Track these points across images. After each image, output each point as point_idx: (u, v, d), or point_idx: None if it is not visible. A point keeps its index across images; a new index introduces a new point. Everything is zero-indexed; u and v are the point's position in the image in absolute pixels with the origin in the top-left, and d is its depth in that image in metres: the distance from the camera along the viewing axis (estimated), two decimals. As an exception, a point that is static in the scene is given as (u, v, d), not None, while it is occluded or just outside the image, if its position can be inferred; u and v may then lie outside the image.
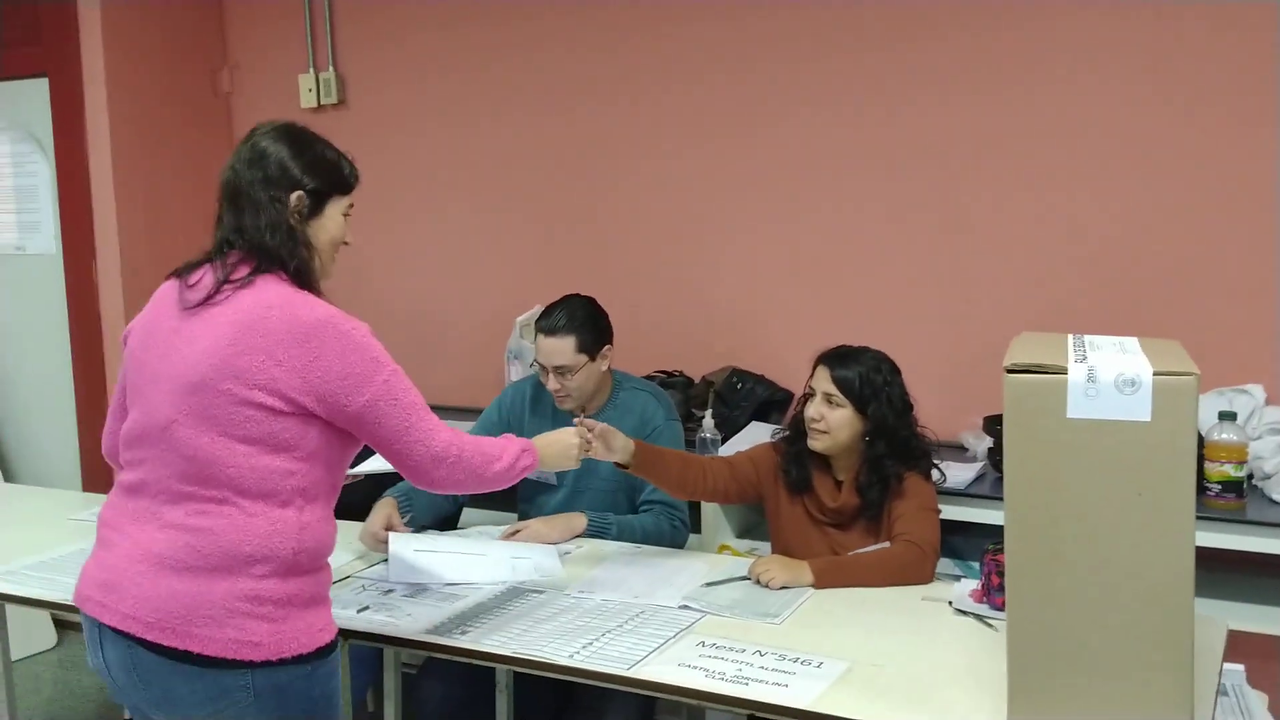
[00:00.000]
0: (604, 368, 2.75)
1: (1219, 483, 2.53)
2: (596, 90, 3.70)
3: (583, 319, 2.71)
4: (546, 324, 2.71)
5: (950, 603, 2.15)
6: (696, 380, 3.48)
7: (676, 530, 2.71)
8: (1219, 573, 2.63)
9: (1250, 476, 2.65)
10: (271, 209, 1.80)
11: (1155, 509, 1.56)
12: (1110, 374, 1.57)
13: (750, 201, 3.51)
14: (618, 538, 2.65)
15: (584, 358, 2.68)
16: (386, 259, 3.99)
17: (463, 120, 3.93)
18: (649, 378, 3.31)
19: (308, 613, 1.76)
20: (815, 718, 1.71)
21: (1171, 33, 2.94)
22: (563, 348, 2.66)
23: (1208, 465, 2.54)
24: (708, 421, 3.18)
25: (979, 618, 2.08)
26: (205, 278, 1.80)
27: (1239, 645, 2.17)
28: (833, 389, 2.42)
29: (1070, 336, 1.76)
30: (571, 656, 1.92)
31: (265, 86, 4.25)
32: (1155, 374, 1.55)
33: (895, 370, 2.49)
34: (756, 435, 3.16)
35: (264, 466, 1.71)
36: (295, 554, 1.73)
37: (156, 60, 4.06)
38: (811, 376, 2.49)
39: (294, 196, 1.82)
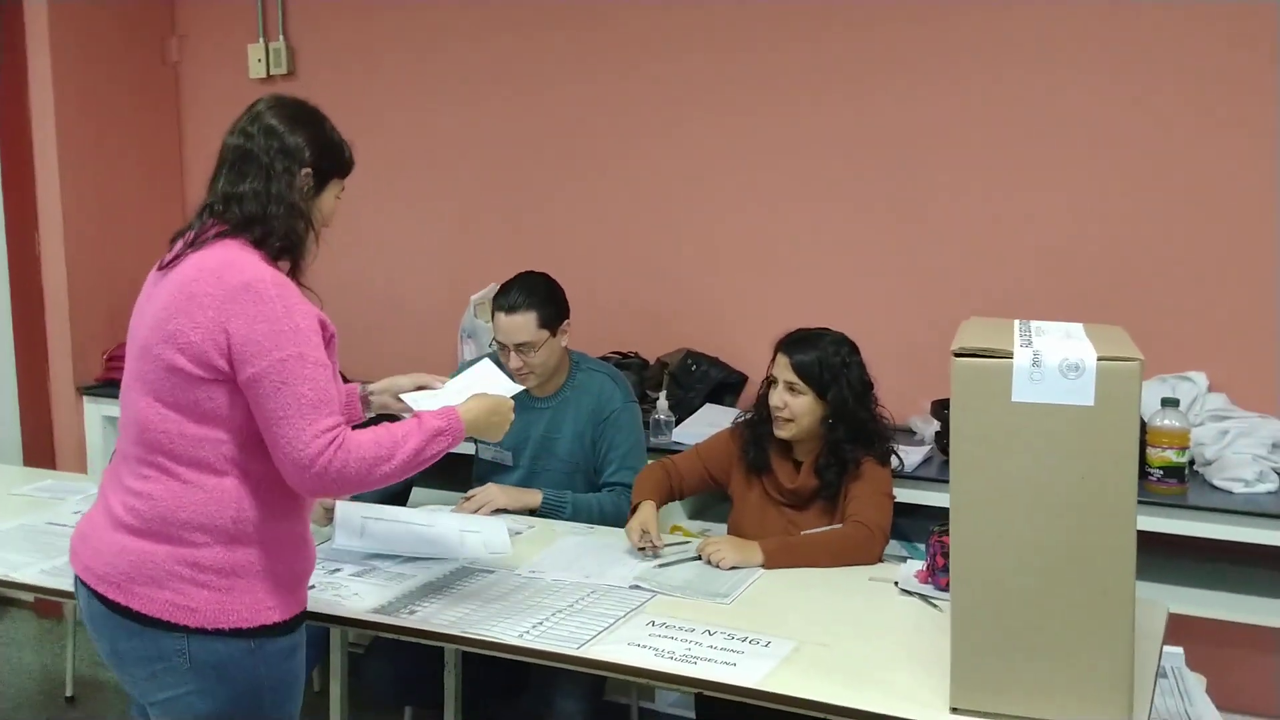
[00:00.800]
0: (564, 343, 2.75)
1: (1161, 468, 2.58)
2: (557, 71, 3.67)
3: (543, 294, 2.70)
4: (506, 302, 2.68)
5: (896, 583, 2.17)
6: (652, 361, 3.48)
7: (634, 510, 2.70)
8: (1160, 557, 2.68)
9: (1192, 462, 2.70)
10: (282, 181, 1.78)
11: (1098, 492, 1.59)
12: (1055, 358, 1.59)
13: (708, 185, 3.51)
14: (572, 517, 2.65)
15: (545, 333, 2.67)
16: (337, 235, 3.92)
17: (417, 95, 3.89)
18: (604, 358, 3.31)
19: (257, 586, 1.73)
20: (762, 696, 1.73)
21: (1125, 25, 2.97)
22: (524, 324, 2.65)
23: (1150, 451, 2.58)
24: (662, 403, 3.18)
25: (924, 598, 2.11)
26: (180, 242, 1.80)
27: (1179, 628, 2.21)
28: (793, 377, 2.42)
29: (1017, 322, 1.78)
30: (521, 636, 1.92)
31: (213, 56, 4.17)
32: (1099, 359, 1.57)
33: (854, 350, 2.50)
34: (710, 417, 3.18)
35: (192, 434, 1.70)
36: (235, 523, 1.71)
37: (103, 28, 3.97)
38: (772, 363, 2.49)
39: (303, 173, 1.81)
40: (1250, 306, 2.91)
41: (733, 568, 2.26)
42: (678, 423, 3.18)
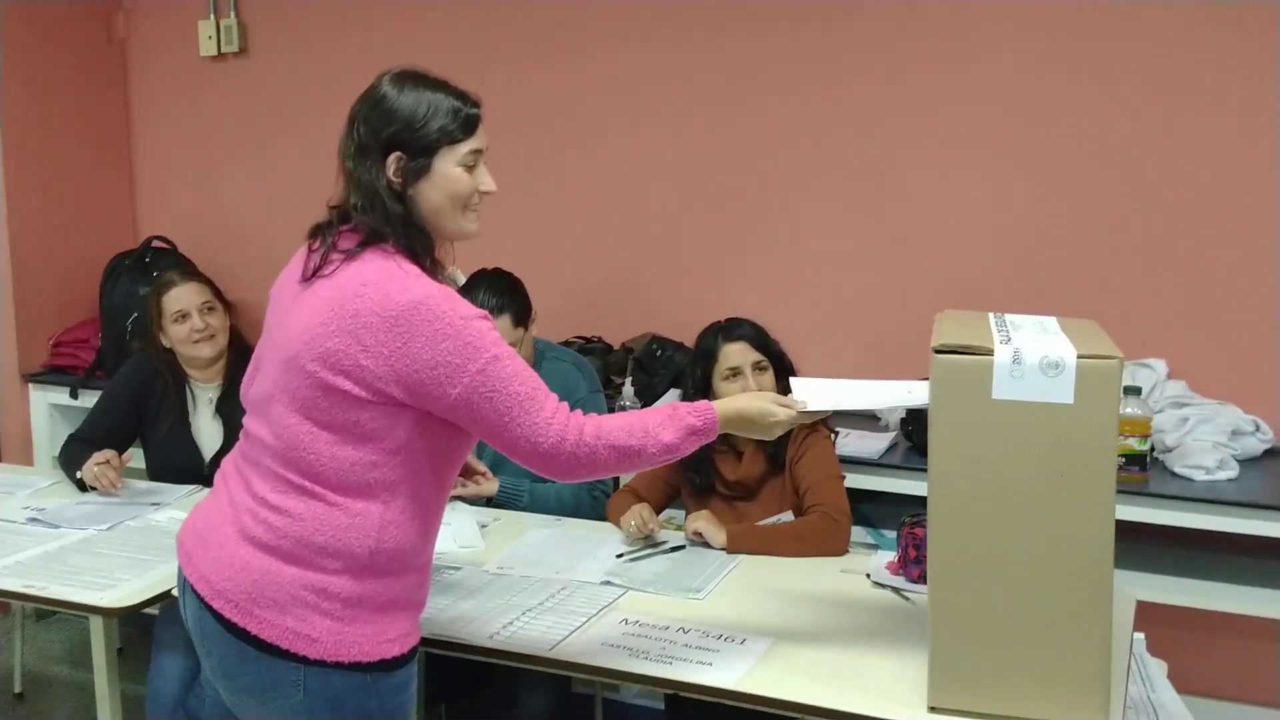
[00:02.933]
0: (533, 333, 2.72)
1: (1123, 456, 2.59)
2: (514, 49, 3.60)
3: (510, 292, 2.68)
4: (485, 294, 2.64)
5: (868, 575, 2.17)
6: (616, 347, 3.45)
7: (597, 500, 2.69)
8: (1122, 543, 2.70)
9: (1152, 449, 2.72)
10: (364, 179, 1.65)
11: (1077, 489, 1.59)
12: (1035, 356, 1.58)
13: (673, 168, 3.47)
14: (528, 506, 2.62)
15: (520, 331, 2.64)
16: (289, 219, 3.83)
17: (372, 74, 3.78)
18: (567, 343, 3.28)
19: (379, 618, 1.63)
20: (741, 697, 1.71)
21: (1085, 15, 2.97)
22: (503, 329, 2.60)
23: (1114, 438, 2.60)
24: (627, 389, 3.15)
25: (896, 590, 2.11)
26: (319, 248, 1.67)
27: (1140, 614, 2.22)
28: (758, 355, 2.44)
29: (992, 315, 1.77)
30: (491, 637, 1.89)
31: (162, 32, 4.05)
32: (1079, 357, 1.56)
33: None
34: (675, 401, 3.16)
35: (345, 457, 1.60)
36: (372, 553, 1.61)
37: (47, 1, 3.83)
38: (717, 358, 2.47)
39: (391, 161, 1.65)
40: (1209, 293, 2.94)
41: (697, 533, 2.30)
42: (643, 408, 3.15)
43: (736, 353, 2.46)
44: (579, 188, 3.59)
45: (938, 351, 1.61)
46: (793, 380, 1.90)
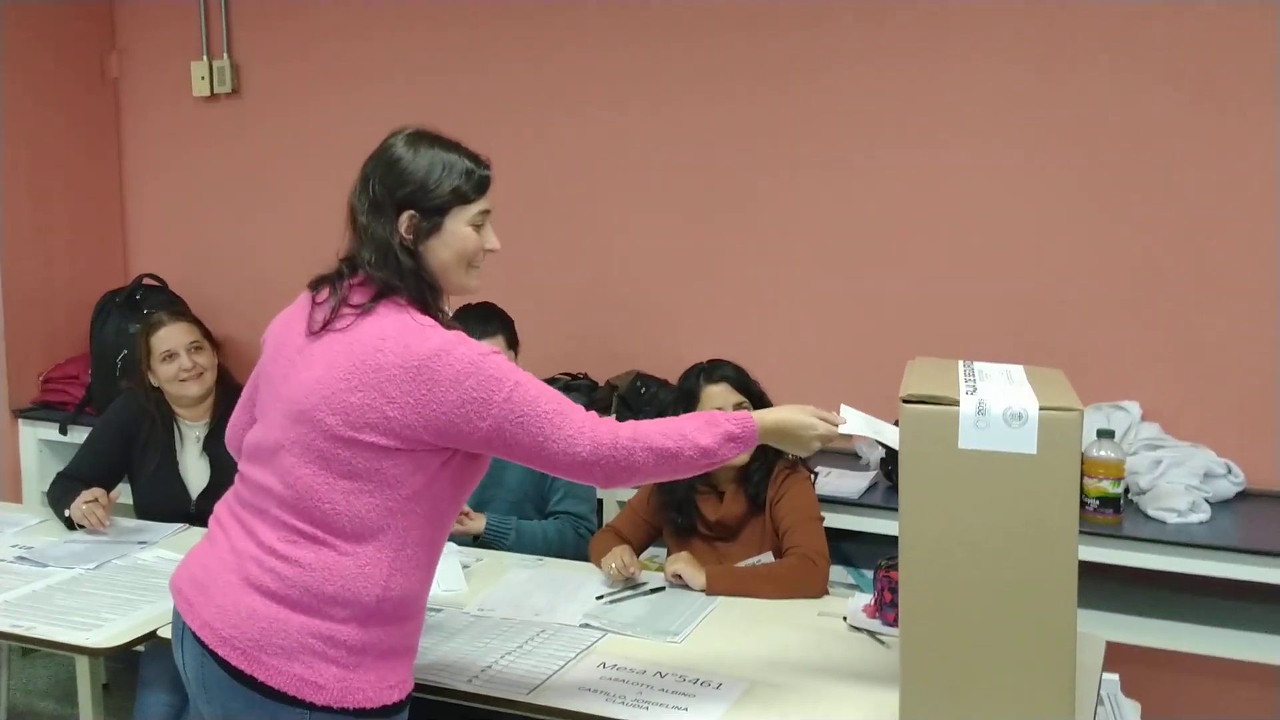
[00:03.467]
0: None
1: (1097, 498, 2.64)
2: (503, 95, 3.66)
3: (496, 320, 2.74)
4: (475, 333, 2.68)
5: (845, 618, 2.20)
6: (601, 383, 3.49)
7: (582, 539, 2.71)
8: (1096, 585, 2.75)
9: (1127, 491, 2.77)
10: (377, 235, 1.69)
11: (1040, 538, 1.63)
12: (999, 407, 1.62)
13: (659, 206, 3.53)
14: (514, 546, 2.65)
15: (512, 354, 2.72)
16: (278, 255, 3.90)
17: (363, 114, 3.85)
18: (553, 380, 3.31)
19: (381, 665, 1.66)
20: (714, 741, 1.73)
21: (1059, 60, 3.04)
22: (506, 344, 2.71)
23: (1086, 481, 2.64)
24: (610, 428, 3.19)
25: (872, 634, 2.14)
26: (329, 300, 1.70)
27: (1114, 655, 2.26)
28: (739, 396, 2.47)
29: (961, 364, 1.82)
30: (470, 681, 1.91)
31: (156, 72, 4.11)
32: (1041, 408, 1.61)
33: None
34: (658, 442, 3.19)
35: (362, 505, 1.63)
36: (379, 601, 1.64)
37: (42, 41, 3.89)
38: (699, 398, 2.51)
39: (404, 218, 1.69)
40: (1183, 336, 2.99)
41: (676, 576, 2.32)
42: (626, 448, 3.19)
43: (718, 394, 2.50)
44: (566, 229, 3.64)
45: (905, 401, 1.65)
46: (843, 406, 1.92)
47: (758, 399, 2.53)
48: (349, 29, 3.83)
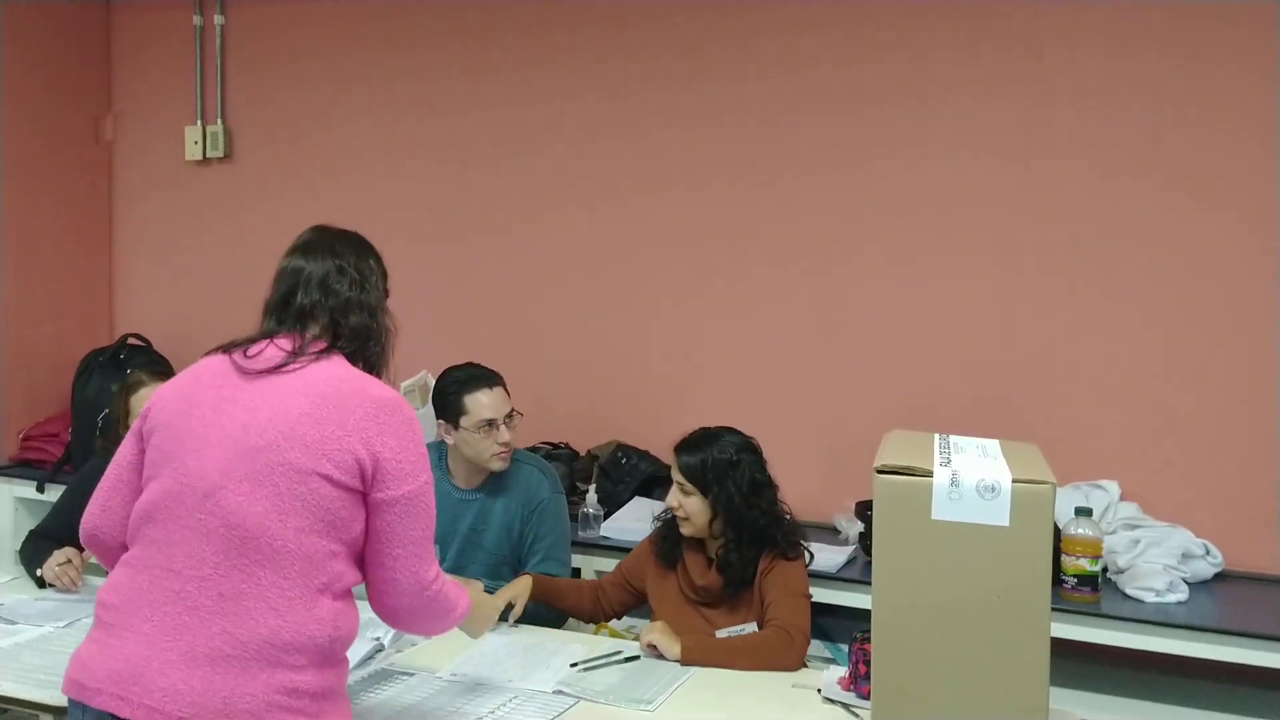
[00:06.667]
0: None
1: (1075, 576, 2.64)
2: (486, 155, 3.73)
3: (496, 377, 2.77)
4: (484, 381, 2.73)
5: (819, 690, 2.18)
6: (581, 453, 3.49)
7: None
8: (1074, 664, 2.74)
9: (1105, 570, 2.77)
10: (375, 294, 1.86)
11: (1013, 610, 1.63)
12: (972, 479, 1.64)
13: (640, 278, 3.57)
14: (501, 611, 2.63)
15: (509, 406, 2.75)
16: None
17: (351, 180, 3.92)
18: (534, 449, 3.31)
19: (337, 707, 1.67)
20: (683, 812, 1.71)
21: (1038, 130, 3.11)
22: (506, 396, 2.74)
23: (1064, 559, 2.65)
24: (591, 496, 3.19)
25: (846, 706, 2.12)
26: (269, 350, 1.77)
27: (1090, 735, 2.26)
28: (681, 478, 2.48)
29: (936, 437, 1.83)
30: (440, 747, 1.90)
31: (149, 136, 4.17)
32: (1014, 481, 1.62)
33: (749, 450, 2.52)
34: (639, 510, 3.19)
35: (311, 545, 1.64)
36: (332, 642, 1.65)
37: (37, 103, 3.96)
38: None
39: (385, 289, 1.90)
40: (1162, 418, 3.03)
41: (651, 646, 2.32)
42: (606, 515, 3.18)
43: (673, 465, 2.53)
44: (548, 296, 3.68)
45: (879, 471, 1.66)
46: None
47: (710, 485, 2.49)
48: (344, 100, 3.90)
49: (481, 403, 2.71)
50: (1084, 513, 2.71)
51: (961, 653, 1.64)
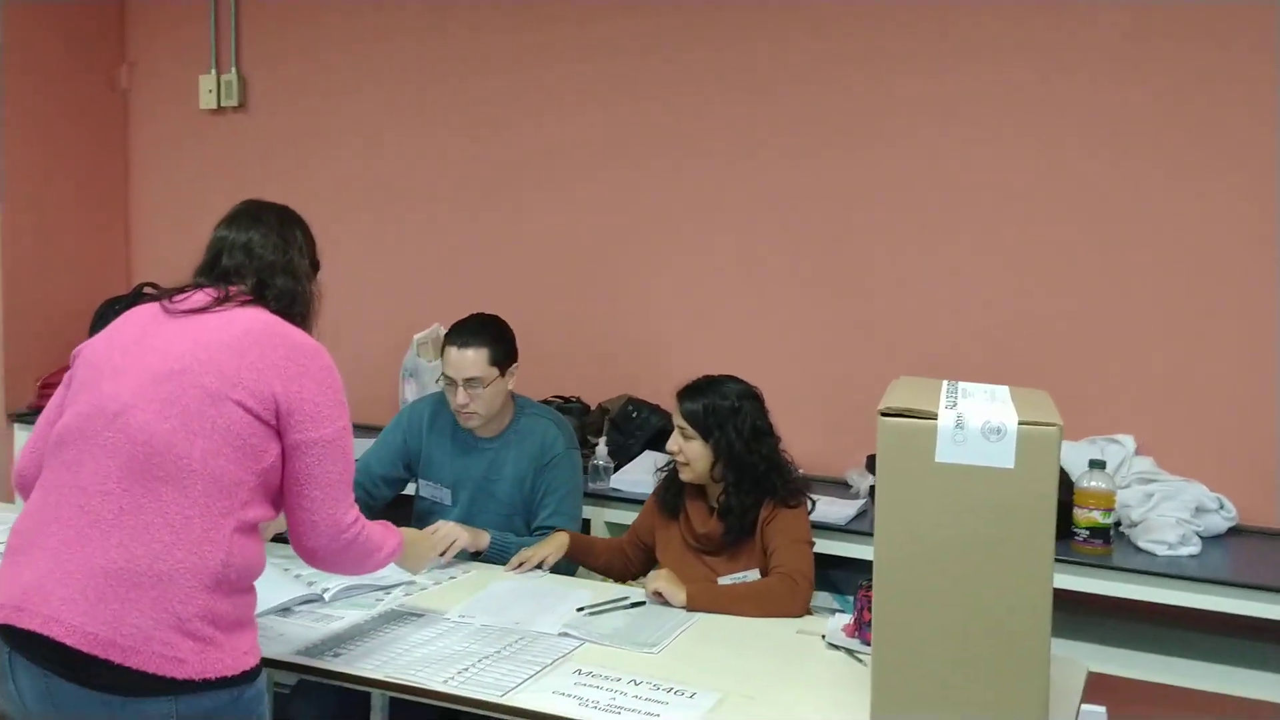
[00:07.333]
0: (510, 386, 2.75)
1: (1087, 528, 2.63)
2: (507, 113, 3.70)
3: (495, 334, 2.72)
4: (459, 337, 2.69)
5: (824, 636, 2.19)
6: (593, 407, 3.49)
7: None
8: (1085, 617, 2.73)
9: (1118, 523, 2.75)
10: (300, 261, 1.92)
11: (1016, 553, 1.62)
12: (977, 421, 1.62)
13: (651, 233, 3.55)
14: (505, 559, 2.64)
15: (495, 371, 2.68)
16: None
17: (366, 133, 3.90)
18: (546, 402, 3.31)
19: (234, 635, 1.69)
20: (683, 749, 1.72)
21: (1056, 95, 3.07)
22: (475, 359, 2.65)
23: (1077, 511, 2.63)
24: (601, 449, 3.19)
25: (850, 652, 2.12)
26: (196, 295, 1.83)
27: (1103, 687, 2.24)
28: (683, 422, 2.48)
29: (945, 382, 1.82)
30: (445, 682, 1.91)
31: (164, 86, 4.16)
32: (1020, 423, 1.61)
33: (751, 397, 2.52)
34: (649, 464, 3.19)
35: (217, 469, 1.67)
36: (224, 568, 1.66)
37: (52, 53, 3.95)
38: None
39: (314, 259, 1.99)
40: (1178, 372, 3.00)
41: (656, 593, 2.32)
42: (616, 468, 3.19)
43: (675, 410, 2.53)
44: (560, 251, 3.67)
45: (884, 414, 1.65)
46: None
47: (713, 429, 2.49)
48: (357, 46, 3.88)
49: (448, 358, 2.69)
50: (1097, 465, 2.69)
51: (963, 594, 1.63)
